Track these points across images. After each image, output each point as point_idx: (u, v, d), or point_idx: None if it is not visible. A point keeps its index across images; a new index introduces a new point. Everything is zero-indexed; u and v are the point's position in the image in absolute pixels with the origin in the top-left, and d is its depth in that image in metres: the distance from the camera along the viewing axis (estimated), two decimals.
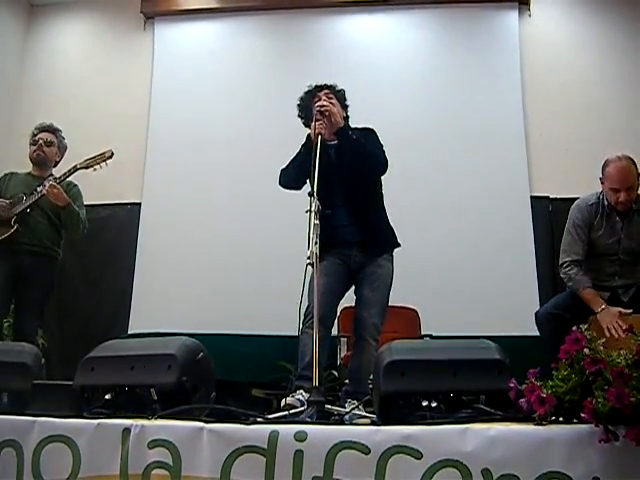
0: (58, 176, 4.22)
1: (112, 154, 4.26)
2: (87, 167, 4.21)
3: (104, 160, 4.23)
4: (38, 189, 4.17)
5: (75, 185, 4.36)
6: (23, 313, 4.18)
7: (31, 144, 4.36)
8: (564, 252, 3.82)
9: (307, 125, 3.61)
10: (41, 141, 4.32)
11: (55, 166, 4.44)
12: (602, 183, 3.74)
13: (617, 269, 3.77)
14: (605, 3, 6.27)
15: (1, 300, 4.15)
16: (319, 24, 6.54)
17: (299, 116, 3.69)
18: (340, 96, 3.66)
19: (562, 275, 3.80)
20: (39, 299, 4.24)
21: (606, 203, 3.73)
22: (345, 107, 3.69)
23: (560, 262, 3.82)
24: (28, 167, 4.42)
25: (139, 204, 6.21)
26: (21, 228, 4.14)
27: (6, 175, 4.42)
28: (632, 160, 3.66)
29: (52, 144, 4.36)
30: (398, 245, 3.58)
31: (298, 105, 3.70)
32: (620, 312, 3.51)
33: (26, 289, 4.16)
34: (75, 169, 4.19)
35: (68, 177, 4.21)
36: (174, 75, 6.50)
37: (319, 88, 3.65)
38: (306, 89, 3.70)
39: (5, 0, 6.58)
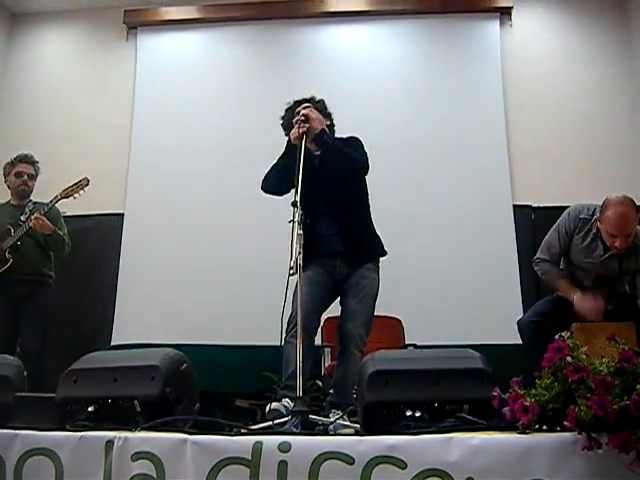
0: (43, 205, 4.47)
1: (88, 182, 4.52)
2: (67, 197, 4.49)
3: (81, 188, 4.51)
4: (22, 218, 4.44)
5: (53, 206, 4.55)
6: (27, 336, 4.36)
7: (15, 176, 4.58)
8: (541, 249, 3.89)
9: None
10: (26, 176, 4.58)
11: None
12: (599, 222, 3.60)
13: (588, 284, 3.79)
14: (587, 13, 6.33)
15: (6, 328, 4.37)
16: (302, 34, 6.56)
17: (286, 135, 3.65)
18: (320, 107, 3.68)
19: (535, 268, 3.91)
20: (40, 321, 4.43)
21: (595, 230, 3.66)
22: (327, 115, 3.71)
23: (535, 256, 3.91)
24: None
25: (122, 214, 6.18)
26: (15, 258, 4.38)
27: None
28: (632, 202, 3.53)
29: (34, 177, 4.64)
30: (384, 254, 3.56)
31: (282, 124, 3.71)
32: (595, 296, 3.59)
33: (27, 315, 4.39)
34: (57, 200, 4.43)
35: (51, 208, 4.45)
36: (157, 85, 6.50)
37: (298, 103, 3.67)
38: (286, 106, 3.73)
39: None
